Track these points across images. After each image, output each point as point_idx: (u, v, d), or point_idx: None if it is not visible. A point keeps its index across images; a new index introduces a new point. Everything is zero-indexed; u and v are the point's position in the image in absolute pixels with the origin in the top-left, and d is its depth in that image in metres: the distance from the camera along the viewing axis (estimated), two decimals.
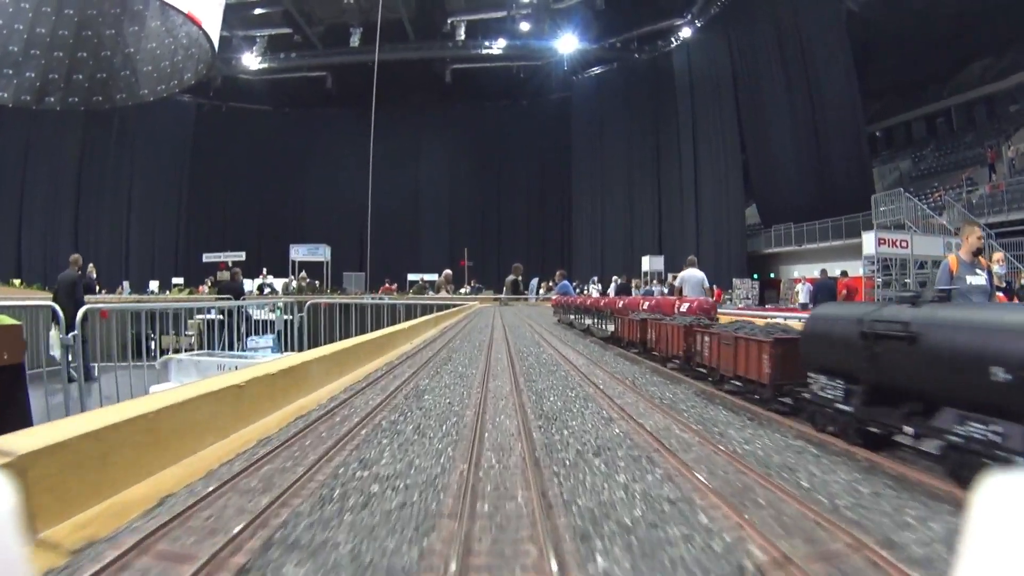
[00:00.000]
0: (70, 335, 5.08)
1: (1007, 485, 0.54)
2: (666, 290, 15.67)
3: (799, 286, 19.29)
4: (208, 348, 8.10)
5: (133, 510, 1.15)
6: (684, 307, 3.44)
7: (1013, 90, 29.33)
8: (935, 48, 28.88)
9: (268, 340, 7.64)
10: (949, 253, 6.81)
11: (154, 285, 28.34)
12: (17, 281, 22.86)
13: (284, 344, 9.80)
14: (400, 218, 39.67)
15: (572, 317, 6.26)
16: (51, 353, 8.36)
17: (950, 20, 26.76)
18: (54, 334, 8.39)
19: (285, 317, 10.18)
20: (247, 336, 8.22)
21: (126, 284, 27.48)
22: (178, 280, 29.52)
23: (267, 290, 20.45)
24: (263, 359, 4.80)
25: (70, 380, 7.22)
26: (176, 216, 40.47)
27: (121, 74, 19.48)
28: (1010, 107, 29.58)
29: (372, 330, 6.57)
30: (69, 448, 1.14)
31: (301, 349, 9.56)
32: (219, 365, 4.35)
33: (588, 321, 5.14)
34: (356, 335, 4.75)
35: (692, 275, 11.42)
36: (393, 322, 9.56)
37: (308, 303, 9.96)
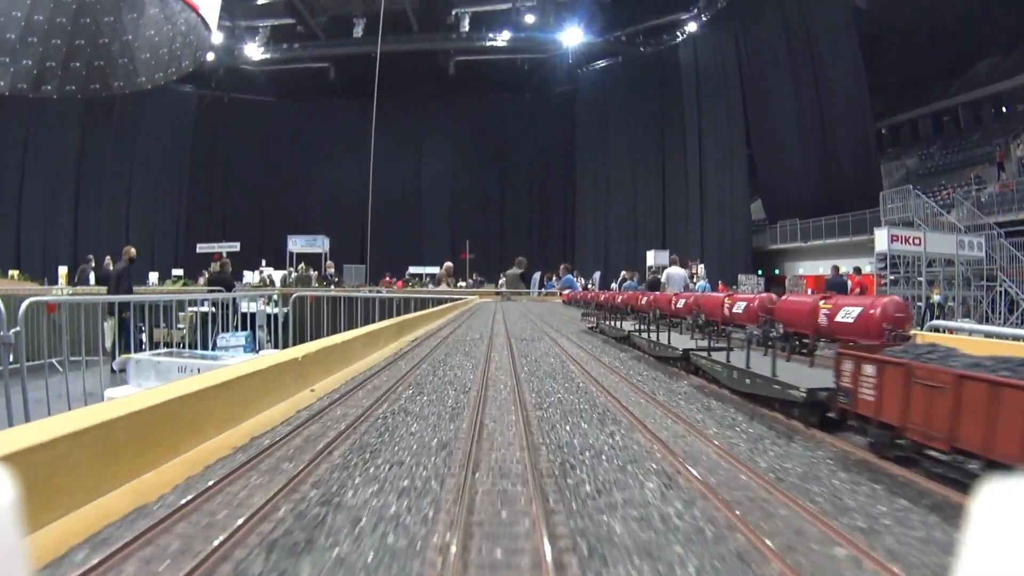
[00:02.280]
0: (11, 332, 4.81)
1: (1006, 492, 0.52)
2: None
3: None
4: (195, 343, 7.86)
5: None
6: (851, 313, 1.96)
7: (1020, 89, 29.02)
8: (941, 46, 28.68)
9: (240, 339, 7.34)
10: None
11: (154, 276, 28.06)
12: (15, 272, 22.65)
13: (273, 342, 9.57)
14: (402, 210, 39.49)
15: (628, 330, 4.13)
16: (105, 344, 8.22)
17: (956, 18, 26.55)
18: (108, 325, 8.25)
19: (269, 311, 9.94)
20: (220, 333, 7.95)
21: None
22: (178, 271, 29.23)
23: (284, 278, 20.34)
24: (231, 360, 4.55)
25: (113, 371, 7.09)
26: (176, 207, 40.28)
27: (119, 62, 19.22)
28: (1018, 106, 29.25)
29: (362, 325, 6.22)
30: None
31: (285, 346, 9.34)
32: (180, 367, 4.08)
33: (684, 345, 3.15)
34: (344, 331, 4.43)
35: (676, 272, 12.03)
36: (387, 316, 9.30)
37: (293, 296, 9.69)
